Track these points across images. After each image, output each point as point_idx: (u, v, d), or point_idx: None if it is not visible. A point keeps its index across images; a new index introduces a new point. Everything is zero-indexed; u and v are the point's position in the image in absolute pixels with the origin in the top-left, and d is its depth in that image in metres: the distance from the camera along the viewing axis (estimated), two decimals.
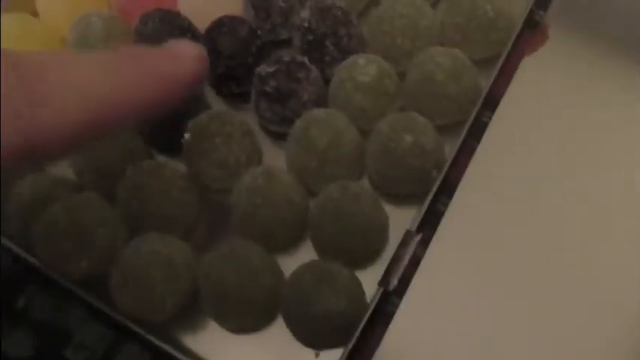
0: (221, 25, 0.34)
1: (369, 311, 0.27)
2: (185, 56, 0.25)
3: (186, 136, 0.31)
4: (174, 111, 0.31)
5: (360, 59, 0.32)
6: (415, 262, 0.27)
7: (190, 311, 0.30)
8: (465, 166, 0.29)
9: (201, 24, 0.36)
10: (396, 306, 0.28)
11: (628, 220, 0.29)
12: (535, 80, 0.33)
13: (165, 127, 0.33)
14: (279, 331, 0.29)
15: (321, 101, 0.33)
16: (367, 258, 0.30)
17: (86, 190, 0.30)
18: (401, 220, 0.30)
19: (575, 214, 0.30)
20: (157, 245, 0.28)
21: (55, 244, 0.28)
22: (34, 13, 0.37)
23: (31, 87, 0.19)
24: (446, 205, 0.28)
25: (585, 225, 0.29)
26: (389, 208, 0.31)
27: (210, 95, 0.36)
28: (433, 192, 0.29)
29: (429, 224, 0.28)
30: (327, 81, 0.33)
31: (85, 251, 0.28)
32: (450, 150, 0.31)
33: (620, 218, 0.30)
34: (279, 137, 0.34)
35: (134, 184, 0.30)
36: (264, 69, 0.32)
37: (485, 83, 0.32)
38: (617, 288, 0.28)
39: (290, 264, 0.30)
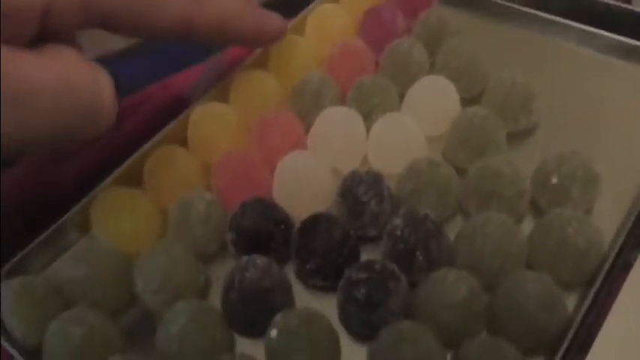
0: (318, 223, 0.35)
1: None
2: None
3: (273, 333, 0.32)
4: (259, 298, 0.32)
5: (450, 275, 0.32)
6: None
7: None
8: None
9: (294, 212, 0.38)
10: None
11: None
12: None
13: (250, 313, 0.33)
14: None
15: (406, 310, 0.33)
16: None
17: None
18: None
19: None
20: None
21: None
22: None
23: None
24: None
25: None
26: None
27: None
28: None
29: None
30: (411, 286, 0.34)
31: None
32: None
33: None
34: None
35: None
36: (355, 274, 0.33)
37: (575, 312, 0.32)
38: None
39: None
